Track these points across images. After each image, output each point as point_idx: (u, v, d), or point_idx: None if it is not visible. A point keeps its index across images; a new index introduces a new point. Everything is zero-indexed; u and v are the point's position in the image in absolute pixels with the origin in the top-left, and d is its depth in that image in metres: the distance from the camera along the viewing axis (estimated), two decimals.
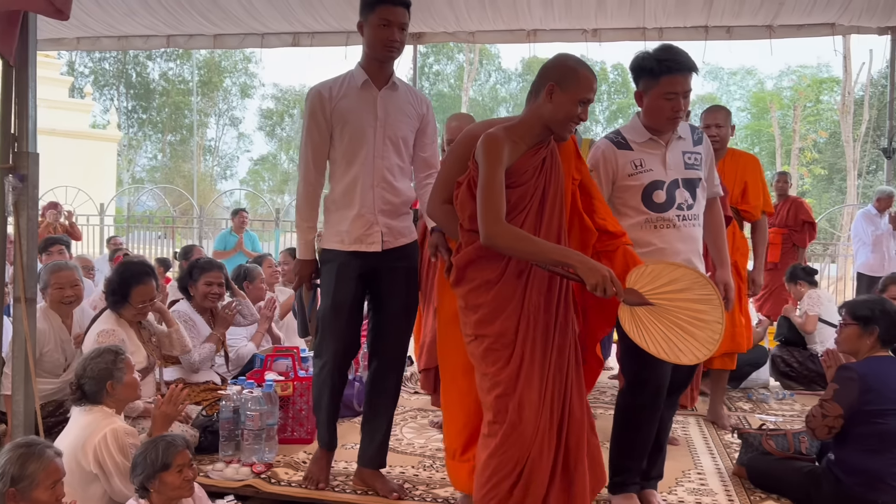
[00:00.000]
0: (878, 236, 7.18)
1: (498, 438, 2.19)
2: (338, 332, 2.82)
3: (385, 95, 2.76)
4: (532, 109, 2.29)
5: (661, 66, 2.59)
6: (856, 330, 2.89)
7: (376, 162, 2.74)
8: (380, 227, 2.76)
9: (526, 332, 2.23)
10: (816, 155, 25.88)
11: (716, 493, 3.00)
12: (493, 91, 35.79)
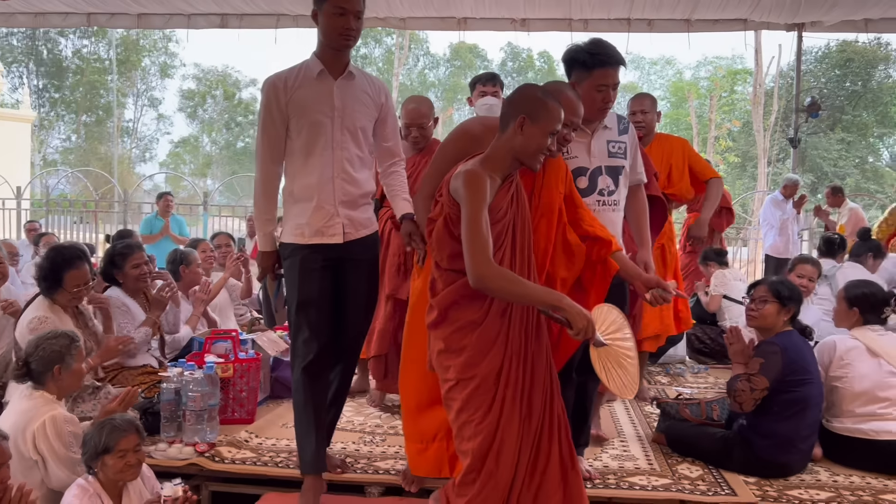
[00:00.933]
0: (784, 221, 7.69)
1: (476, 487, 2.16)
2: (312, 329, 2.70)
3: (342, 85, 2.70)
4: (503, 142, 2.25)
5: (593, 60, 2.76)
6: (776, 307, 3.17)
7: (335, 153, 2.69)
8: (341, 218, 2.71)
9: (508, 372, 2.19)
10: (731, 143, 27.06)
11: (637, 458, 3.24)
12: (422, 76, 35.75)
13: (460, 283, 2.21)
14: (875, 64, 27.32)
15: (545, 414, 2.23)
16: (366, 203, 2.83)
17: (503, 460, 2.15)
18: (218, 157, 33.64)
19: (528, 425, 2.19)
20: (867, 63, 27.17)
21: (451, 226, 2.23)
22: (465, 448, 2.20)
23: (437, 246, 2.29)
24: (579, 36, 8.49)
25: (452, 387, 2.22)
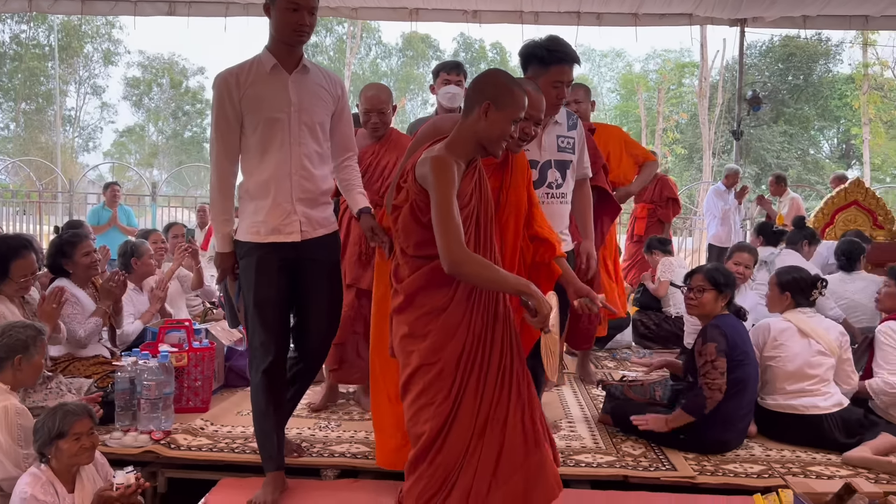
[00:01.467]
0: (725, 211, 7.96)
1: (424, 464, 2.19)
2: (269, 331, 2.66)
3: (297, 80, 2.65)
4: (466, 126, 2.24)
5: (551, 56, 2.82)
6: (713, 294, 3.32)
7: (293, 149, 2.63)
8: (298, 216, 2.65)
9: (469, 357, 2.21)
10: (678, 135, 27.67)
11: (583, 437, 3.38)
12: (374, 66, 35.57)
13: (427, 269, 2.22)
14: (816, 59, 28.20)
15: (502, 396, 2.25)
16: (325, 202, 2.77)
17: (455, 440, 2.18)
18: (165, 147, 32.93)
19: (483, 407, 2.21)
20: (808, 58, 28.03)
21: (417, 213, 2.21)
22: (420, 430, 2.21)
23: (403, 233, 2.27)
24: (530, 28, 8.65)
25: (415, 371, 2.23)
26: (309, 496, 2.73)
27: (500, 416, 2.22)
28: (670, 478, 2.95)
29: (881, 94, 24.81)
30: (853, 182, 7.58)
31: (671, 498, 2.82)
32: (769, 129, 27.46)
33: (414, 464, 2.22)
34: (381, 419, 2.78)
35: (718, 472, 3.01)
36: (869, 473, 2.99)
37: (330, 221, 2.80)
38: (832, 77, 28.56)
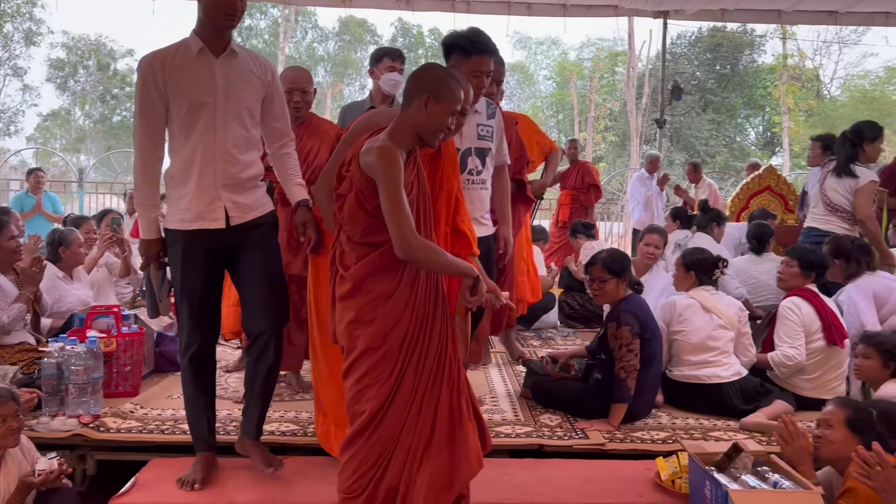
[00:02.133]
0: (648, 197, 8.29)
1: (362, 440, 2.28)
2: (196, 319, 2.68)
3: (224, 63, 2.61)
4: (406, 118, 2.30)
5: (473, 47, 2.92)
6: (614, 282, 3.52)
7: (218, 134, 2.60)
8: (223, 202, 2.62)
9: (411, 340, 2.29)
10: (610, 123, 28.34)
11: (505, 411, 3.57)
12: (311, 50, 35.11)
13: (375, 256, 2.27)
14: (742, 49, 29.21)
15: (438, 377, 2.35)
16: (254, 186, 2.73)
17: (393, 418, 2.28)
18: (92, 132, 31.81)
19: (420, 387, 2.31)
20: (735, 48, 29.02)
21: (363, 200, 2.25)
22: (361, 409, 2.29)
23: (349, 221, 2.29)
24: (462, 17, 8.77)
25: (360, 355, 2.28)
26: (239, 474, 2.82)
27: (434, 395, 2.32)
28: (582, 445, 3.16)
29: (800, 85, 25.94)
30: (766, 169, 8.00)
31: (582, 464, 3.03)
32: (698, 118, 28.34)
33: (352, 440, 2.30)
34: (332, 407, 2.80)
35: (627, 439, 3.24)
36: (762, 436, 3.27)
37: (262, 203, 2.76)
38: (757, 67, 29.64)
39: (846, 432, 2.48)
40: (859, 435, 2.44)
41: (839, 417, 2.52)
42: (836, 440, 2.49)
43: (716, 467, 2.53)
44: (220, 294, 2.81)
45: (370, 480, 2.28)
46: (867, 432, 2.44)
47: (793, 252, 4.02)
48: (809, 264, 3.89)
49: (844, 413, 2.53)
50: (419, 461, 2.28)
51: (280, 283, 2.81)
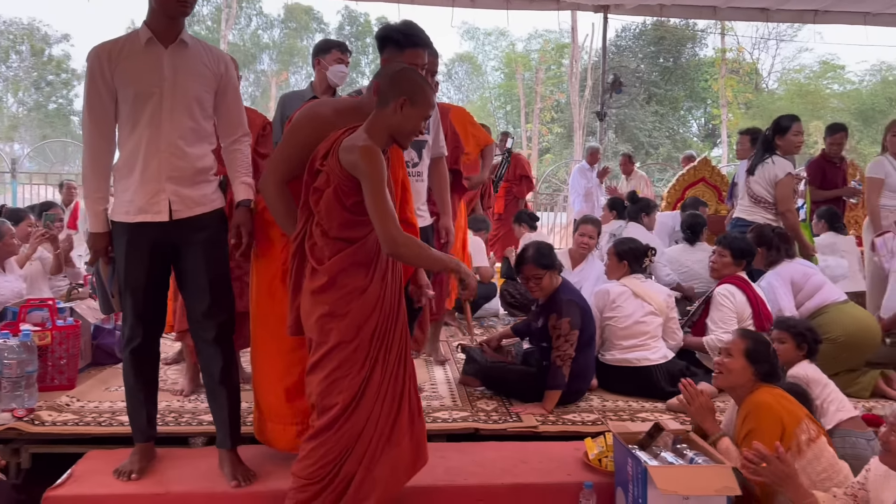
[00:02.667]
0: (588, 189, 8.49)
1: (333, 430, 2.32)
2: (138, 315, 2.65)
3: (173, 54, 2.57)
4: (381, 118, 2.34)
5: (407, 40, 2.91)
6: (548, 276, 3.64)
7: (163, 125, 2.55)
8: (167, 194, 2.58)
9: (380, 333, 2.36)
10: (556, 115, 28.71)
11: (443, 396, 3.67)
12: (255, 37, 34.53)
13: (350, 251, 2.32)
14: (684, 43, 29.91)
15: (400, 368, 2.43)
16: (204, 180, 2.68)
17: (362, 408, 2.34)
18: (26, 120, 30.69)
19: (385, 379, 2.40)
20: (677, 42, 29.69)
21: (342, 196, 2.28)
22: (332, 402, 2.32)
23: (326, 215, 2.32)
24: (407, 7, 8.79)
25: (332, 348, 2.32)
26: (176, 463, 2.84)
27: (397, 387, 2.41)
28: (516, 428, 3.28)
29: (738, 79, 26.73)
30: (701, 160, 8.28)
31: (516, 446, 3.14)
32: (642, 110, 28.95)
33: (321, 431, 2.33)
34: (273, 408, 2.76)
35: (559, 421, 3.38)
36: (686, 416, 3.43)
37: (210, 199, 2.70)
38: (698, 61, 30.40)
39: (744, 362, 2.69)
40: (755, 365, 2.67)
41: (739, 347, 2.73)
42: (734, 368, 2.71)
43: (638, 446, 2.67)
44: (166, 289, 2.78)
45: (332, 469, 2.34)
46: (762, 363, 2.68)
47: (724, 242, 4.16)
48: (741, 253, 4.06)
49: (744, 343, 2.74)
50: (381, 449, 2.37)
51: (223, 285, 2.75)
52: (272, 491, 2.66)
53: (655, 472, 2.38)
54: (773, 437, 2.45)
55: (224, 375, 2.75)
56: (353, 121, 2.46)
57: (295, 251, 2.44)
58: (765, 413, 2.57)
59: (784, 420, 2.53)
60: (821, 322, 3.87)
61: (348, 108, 2.56)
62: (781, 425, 2.52)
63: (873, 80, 29.52)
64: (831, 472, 2.55)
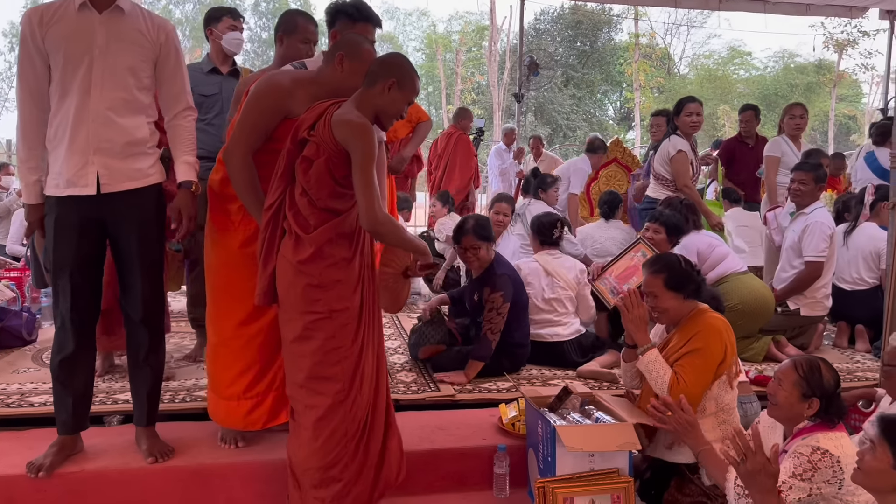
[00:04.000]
0: (504, 169, 8.66)
1: (346, 404, 2.36)
2: (67, 295, 2.54)
3: (107, 20, 2.49)
4: (368, 96, 2.36)
5: (360, 14, 2.96)
6: (486, 246, 3.72)
7: (93, 94, 2.46)
8: (95, 166, 2.48)
9: (366, 304, 2.43)
10: (477, 97, 28.93)
11: None
12: (167, 12, 33.20)
13: (336, 222, 2.35)
14: (601, 27, 30.54)
15: (382, 344, 2.54)
16: (138, 153, 2.57)
17: (366, 379, 2.41)
18: None
19: (378, 352, 2.50)
20: (594, 26, 30.28)
21: (333, 169, 2.32)
22: (329, 373, 2.35)
23: (316, 185, 2.34)
24: None
25: (320, 319, 2.34)
26: (91, 442, 2.78)
27: (383, 359, 2.52)
28: (434, 397, 3.39)
29: (650, 63, 27.59)
30: (613, 142, 8.56)
31: (434, 414, 3.25)
32: (560, 93, 29.44)
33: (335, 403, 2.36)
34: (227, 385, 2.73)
35: (476, 390, 3.50)
36: (595, 382, 3.63)
37: (144, 174, 2.59)
38: (614, 45, 31.14)
39: (668, 292, 2.73)
40: (677, 291, 2.73)
41: (660, 285, 2.74)
42: (666, 308, 2.74)
43: (548, 408, 2.81)
44: (100, 269, 2.65)
45: (356, 444, 2.39)
46: (685, 286, 2.73)
47: (660, 219, 4.21)
48: (675, 229, 4.15)
49: (663, 276, 2.74)
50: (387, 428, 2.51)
51: (156, 268, 2.68)
52: (190, 466, 2.69)
53: (563, 432, 2.52)
54: (715, 361, 2.61)
55: (149, 355, 2.70)
56: (311, 90, 2.50)
57: (269, 220, 2.44)
58: (714, 337, 2.64)
59: (727, 349, 2.65)
60: (723, 290, 4.07)
61: (306, 79, 2.57)
62: (724, 353, 2.64)
63: (777, 67, 31.07)
64: (733, 404, 2.74)
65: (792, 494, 2.24)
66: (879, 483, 1.90)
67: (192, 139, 2.73)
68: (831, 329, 4.83)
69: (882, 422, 1.93)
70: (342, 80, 2.51)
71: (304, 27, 3.13)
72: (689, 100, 4.91)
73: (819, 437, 2.29)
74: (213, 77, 3.75)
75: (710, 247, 4.35)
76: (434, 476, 2.84)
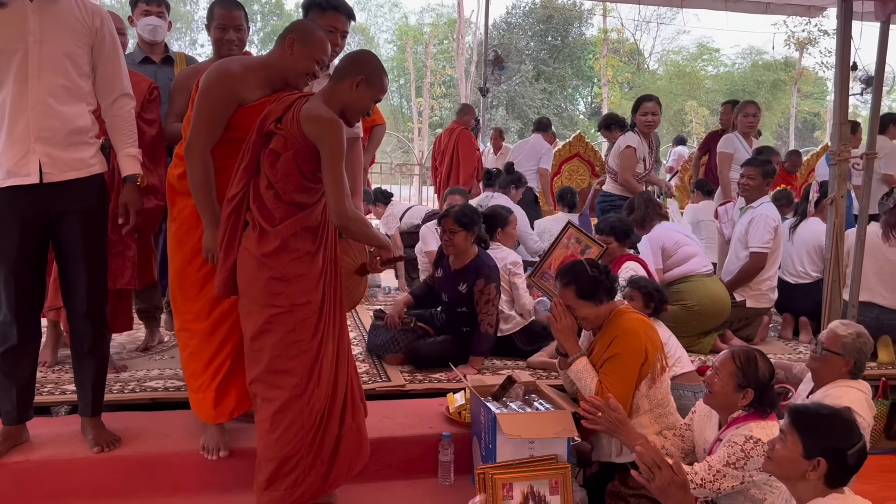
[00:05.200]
0: None
1: (304, 398, 2.38)
2: (8, 287, 2.52)
3: (39, 8, 2.45)
4: (337, 92, 2.39)
5: (328, 3, 2.98)
6: (464, 234, 3.74)
7: (30, 83, 2.43)
8: (37, 155, 2.45)
9: (328, 298, 2.45)
10: (447, 90, 28.93)
11: None
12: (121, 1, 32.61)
13: (302, 216, 2.36)
14: (571, 22, 30.70)
15: (343, 337, 2.54)
16: (80, 142, 2.56)
17: (324, 373, 2.43)
18: None
19: (338, 344, 2.51)
20: (565, 20, 30.42)
21: (301, 164, 2.33)
22: (287, 367, 2.37)
23: (283, 179, 2.35)
24: None
25: (281, 313, 2.36)
26: (37, 432, 2.79)
27: (345, 351, 2.53)
28: (384, 387, 3.44)
29: (619, 58, 27.83)
30: (576, 137, 8.69)
31: (383, 404, 3.28)
32: (531, 87, 29.57)
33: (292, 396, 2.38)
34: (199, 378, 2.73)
35: (426, 380, 3.57)
36: (543, 371, 3.71)
37: (86, 164, 2.58)
38: (584, 40, 31.34)
39: (581, 302, 2.76)
40: (590, 300, 2.75)
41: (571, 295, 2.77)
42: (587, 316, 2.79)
43: (493, 397, 2.88)
44: (43, 264, 2.63)
45: (313, 436, 2.41)
46: (596, 295, 2.75)
47: (604, 229, 4.10)
48: (624, 234, 4.09)
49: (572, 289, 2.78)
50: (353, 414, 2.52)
51: (100, 260, 2.68)
52: (136, 455, 2.71)
53: (503, 420, 2.58)
54: (637, 363, 2.67)
55: (93, 347, 2.71)
56: (261, 75, 2.52)
57: (231, 212, 2.44)
58: (632, 341, 2.69)
59: (647, 348, 2.71)
60: (683, 289, 4.20)
61: (256, 64, 2.57)
62: (644, 353, 2.70)
63: (744, 64, 31.52)
64: (667, 398, 2.82)
65: (726, 482, 2.33)
66: (790, 472, 1.97)
67: (133, 129, 2.72)
68: (777, 321, 4.97)
69: (793, 413, 2.00)
70: (291, 64, 2.53)
71: (218, 14, 3.12)
72: (645, 98, 5.02)
73: (752, 427, 2.39)
74: (146, 67, 3.67)
75: (676, 244, 4.36)
76: (380, 464, 2.89)
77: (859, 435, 1.94)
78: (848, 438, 1.92)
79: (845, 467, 1.91)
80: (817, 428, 1.93)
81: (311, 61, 2.48)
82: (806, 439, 1.92)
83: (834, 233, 3.71)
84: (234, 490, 2.68)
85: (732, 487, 2.35)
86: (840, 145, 3.61)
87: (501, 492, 2.53)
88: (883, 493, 3.19)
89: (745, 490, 2.39)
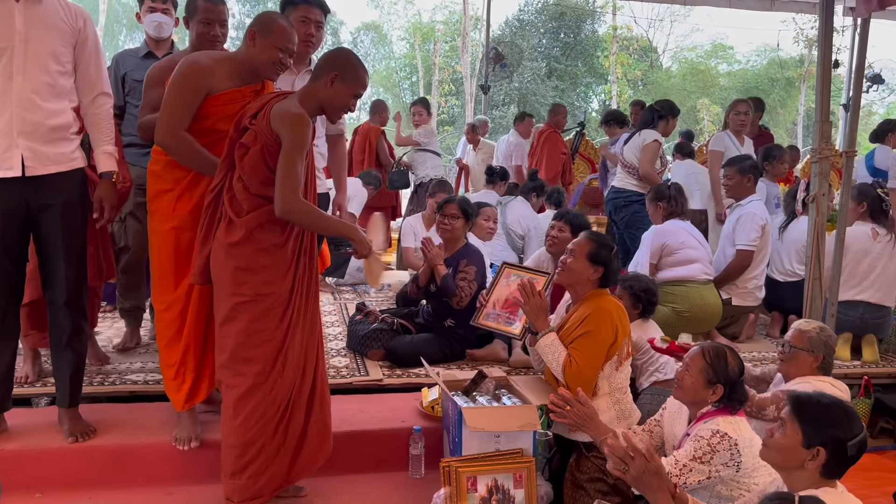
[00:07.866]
0: None
1: (266, 386, 2.44)
2: None
3: (25, 8, 2.53)
4: (312, 90, 2.46)
5: None
6: (462, 222, 3.92)
7: (15, 80, 2.51)
8: (20, 149, 2.53)
9: (298, 290, 2.49)
10: (455, 87, 28.89)
11: None
12: None
13: (268, 209, 2.39)
14: (584, 19, 30.57)
15: (315, 329, 2.58)
16: (62, 137, 2.64)
17: (289, 363, 2.48)
18: None
19: (307, 338, 2.54)
20: (577, 18, 30.28)
21: (267, 158, 2.39)
22: (250, 355, 2.43)
23: (249, 171, 2.41)
24: None
25: (245, 302, 2.42)
26: (15, 423, 2.86)
27: (315, 344, 2.57)
28: (362, 381, 3.48)
29: (629, 55, 27.67)
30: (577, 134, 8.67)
31: (359, 398, 3.34)
32: (543, 84, 29.48)
33: (255, 384, 2.44)
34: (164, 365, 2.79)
35: (403, 375, 3.60)
36: (526, 370, 3.72)
37: (68, 158, 2.66)
38: (597, 37, 31.20)
39: (585, 262, 2.82)
40: (596, 265, 2.81)
41: (583, 249, 2.84)
42: (576, 269, 2.83)
43: (463, 392, 2.91)
44: (23, 255, 2.70)
45: (277, 424, 2.47)
46: (603, 264, 2.81)
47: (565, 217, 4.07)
48: (580, 228, 3.89)
49: (589, 246, 2.84)
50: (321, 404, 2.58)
51: (80, 253, 2.74)
52: (110, 446, 2.77)
53: (468, 413, 2.61)
54: (606, 343, 2.71)
55: (72, 338, 2.76)
56: (229, 66, 2.60)
57: (210, 202, 2.52)
58: (605, 321, 2.73)
59: (618, 331, 2.75)
60: (677, 292, 4.17)
61: (225, 59, 2.65)
62: (615, 335, 2.73)
63: (759, 61, 31.21)
64: (626, 385, 2.85)
65: (692, 477, 2.33)
66: (787, 460, 1.93)
67: (111, 127, 2.79)
68: (766, 319, 4.95)
69: (794, 401, 1.97)
70: (255, 56, 2.59)
71: (203, 7, 3.13)
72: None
73: (719, 421, 2.39)
74: (148, 61, 3.65)
75: (681, 244, 4.27)
76: (352, 457, 2.93)
77: (860, 426, 1.91)
78: (849, 429, 1.89)
79: (844, 458, 1.88)
80: (819, 417, 1.90)
81: (274, 51, 2.52)
82: (806, 428, 1.89)
83: (815, 231, 3.69)
84: (205, 481, 2.73)
85: (699, 482, 2.34)
86: (821, 143, 3.60)
87: (466, 485, 2.56)
88: (862, 490, 3.18)
89: (712, 486, 2.38)
